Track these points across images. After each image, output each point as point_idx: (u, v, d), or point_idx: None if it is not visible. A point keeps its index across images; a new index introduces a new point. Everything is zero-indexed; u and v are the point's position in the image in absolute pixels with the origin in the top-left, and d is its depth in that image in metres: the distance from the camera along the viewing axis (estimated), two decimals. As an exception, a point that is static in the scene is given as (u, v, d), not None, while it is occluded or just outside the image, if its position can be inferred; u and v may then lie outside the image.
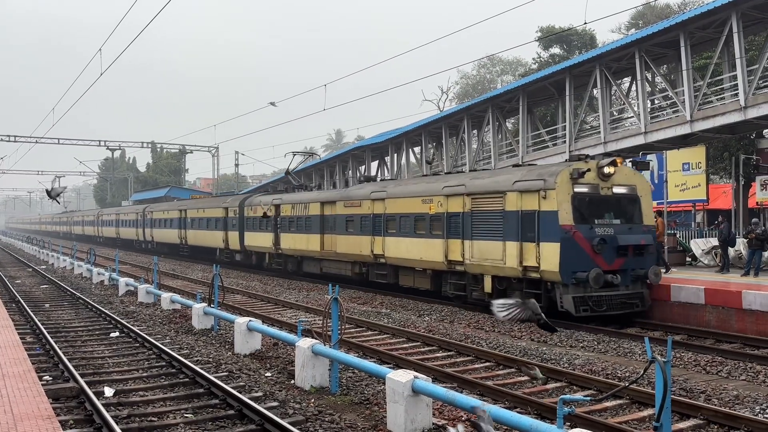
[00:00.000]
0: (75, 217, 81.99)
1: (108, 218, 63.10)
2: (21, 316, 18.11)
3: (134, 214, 53.57)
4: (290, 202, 28.59)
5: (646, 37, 26.05)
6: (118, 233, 58.50)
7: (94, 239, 68.19)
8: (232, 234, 34.33)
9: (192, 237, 40.44)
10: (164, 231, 45.84)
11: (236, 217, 33.55)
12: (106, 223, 63.33)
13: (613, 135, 28.32)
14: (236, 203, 33.93)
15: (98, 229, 66.32)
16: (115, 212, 61.15)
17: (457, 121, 37.37)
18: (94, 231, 67.77)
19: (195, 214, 39.68)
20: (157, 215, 47.70)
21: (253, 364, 12.55)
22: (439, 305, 19.70)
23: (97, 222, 66.65)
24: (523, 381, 11.21)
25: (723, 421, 8.77)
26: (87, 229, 71.90)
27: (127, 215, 56.34)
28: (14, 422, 7.32)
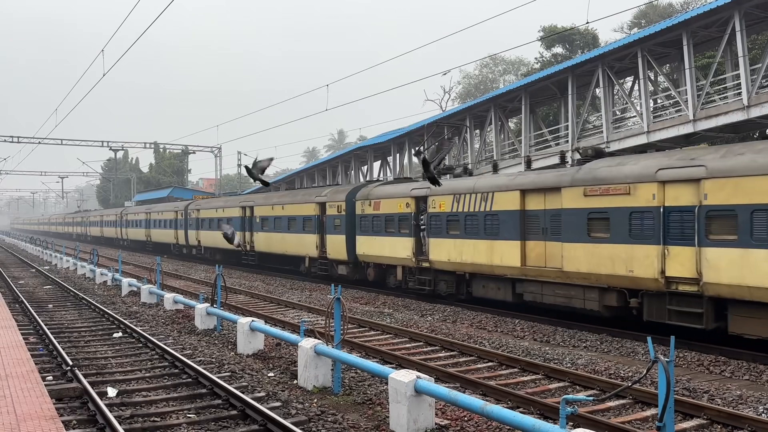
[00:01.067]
0: (91, 216, 73.55)
1: (135, 218, 53.51)
2: (24, 317, 18.14)
3: (172, 212, 43.95)
4: (451, 192, 19.48)
5: (649, 37, 26.01)
6: (149, 236, 49.32)
7: (116, 242, 60.28)
8: (335, 238, 25.70)
9: (263, 241, 31.43)
10: (218, 234, 34.58)
11: (341, 215, 25.38)
12: (132, 224, 54.36)
13: (615, 134, 28.29)
14: (341, 196, 25.72)
15: (121, 231, 57.71)
16: (144, 210, 51.31)
17: (460, 121, 37.36)
18: (115, 233, 59.13)
19: (268, 211, 30.90)
20: (206, 213, 38.00)
21: (256, 364, 12.56)
22: (442, 305, 19.69)
23: (120, 222, 57.75)
24: (526, 381, 11.20)
25: (726, 421, 8.76)
26: (107, 230, 63.65)
27: (161, 214, 46.43)
28: (17, 422, 7.33)
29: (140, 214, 51.52)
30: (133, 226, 53.87)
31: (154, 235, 47.88)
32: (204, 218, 38.13)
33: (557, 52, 45.03)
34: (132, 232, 54.52)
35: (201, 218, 38.64)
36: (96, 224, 69.02)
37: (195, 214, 39.55)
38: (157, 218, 46.99)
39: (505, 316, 17.49)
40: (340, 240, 25.46)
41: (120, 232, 58.30)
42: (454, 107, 50.65)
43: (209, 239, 37.56)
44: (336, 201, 25.88)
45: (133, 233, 54.08)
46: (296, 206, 28.76)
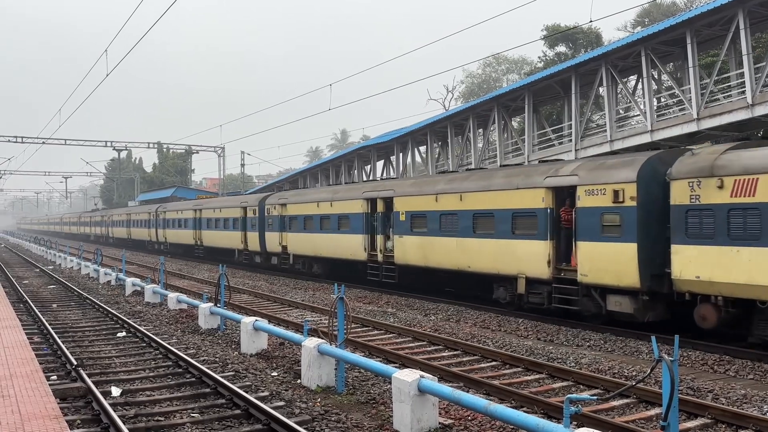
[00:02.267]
0: (115, 215, 64.23)
1: (178, 216, 44.20)
2: (28, 317, 18.18)
3: (238, 209, 34.33)
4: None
5: (653, 35, 25.94)
6: (199, 238, 40.38)
7: (149, 246, 52.54)
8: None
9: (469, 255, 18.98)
10: (325, 238, 26.23)
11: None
12: (173, 224, 45.02)
13: (619, 133, 28.23)
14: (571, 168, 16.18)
15: (157, 233, 48.78)
16: (192, 207, 41.81)
17: (463, 120, 37.32)
18: (149, 234, 50.77)
19: (442, 204, 19.81)
20: (300, 209, 28.60)
21: (260, 363, 12.57)
22: (445, 304, 19.68)
23: (156, 221, 48.75)
24: (530, 380, 11.18)
25: (731, 420, 8.73)
26: (137, 232, 55.01)
27: (220, 211, 36.85)
28: (22, 422, 7.35)
29: (185, 212, 42.74)
30: (174, 226, 44.86)
31: (208, 237, 39.27)
32: (303, 216, 28.15)
33: (560, 51, 44.95)
34: (173, 234, 45.23)
35: (297, 216, 28.68)
36: (121, 224, 61.17)
37: (280, 211, 30.09)
38: (214, 216, 37.64)
39: (509, 315, 17.47)
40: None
41: (155, 234, 49.47)
42: (458, 106, 50.63)
43: (309, 246, 27.75)
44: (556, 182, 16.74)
45: (176, 235, 44.73)
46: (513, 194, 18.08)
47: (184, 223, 42.99)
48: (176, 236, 44.83)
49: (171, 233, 45.98)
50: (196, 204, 42.54)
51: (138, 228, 54.43)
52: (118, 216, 62.65)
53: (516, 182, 17.39)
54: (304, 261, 28.91)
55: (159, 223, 48.33)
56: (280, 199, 30.95)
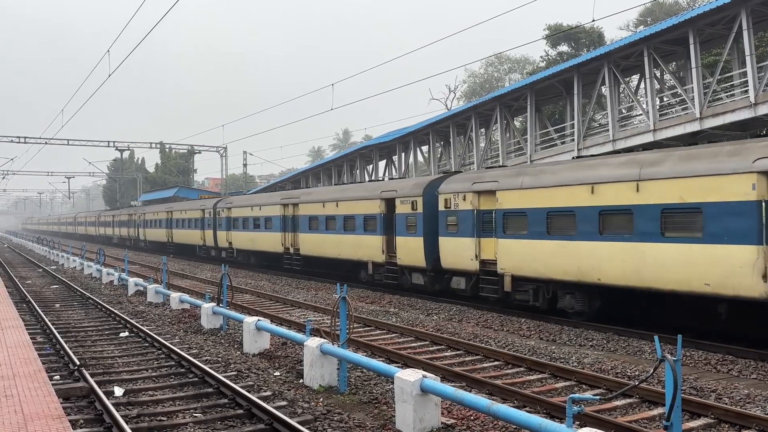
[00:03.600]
0: (149, 213, 53.27)
1: (253, 213, 33.08)
2: (31, 316, 18.22)
3: (374, 202, 23.45)
4: None
5: (655, 34, 25.91)
6: (293, 244, 29.21)
7: (198, 251, 42.58)
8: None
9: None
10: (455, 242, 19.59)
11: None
12: (245, 224, 34.18)
13: (621, 133, 28.19)
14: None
15: (215, 236, 38.07)
16: (280, 201, 30.46)
17: (465, 120, 37.30)
18: (201, 237, 40.49)
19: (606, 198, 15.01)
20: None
21: (262, 363, 12.57)
22: (448, 304, 19.67)
23: (213, 221, 38.34)
24: (532, 380, 11.17)
25: (734, 420, 8.71)
26: (182, 234, 44.51)
27: (323, 207, 26.84)
28: (25, 422, 7.36)
29: (269, 207, 31.52)
30: (248, 227, 33.74)
31: (314, 243, 27.52)
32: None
33: (563, 51, 44.93)
34: (246, 239, 34.35)
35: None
36: (157, 224, 50.33)
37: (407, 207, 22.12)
38: (332, 213, 26.26)
39: (511, 315, 17.46)
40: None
41: (212, 237, 38.50)
42: (460, 106, 50.61)
43: (419, 253, 21.12)
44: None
45: (251, 240, 33.70)
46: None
47: (266, 223, 31.96)
48: (251, 241, 33.48)
49: (242, 237, 34.63)
50: (285, 196, 30.94)
51: (184, 229, 43.63)
52: (154, 214, 51.49)
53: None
54: None
55: (221, 223, 37.05)
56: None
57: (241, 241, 35.36)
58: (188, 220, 43.76)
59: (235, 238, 36.03)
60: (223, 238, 37.40)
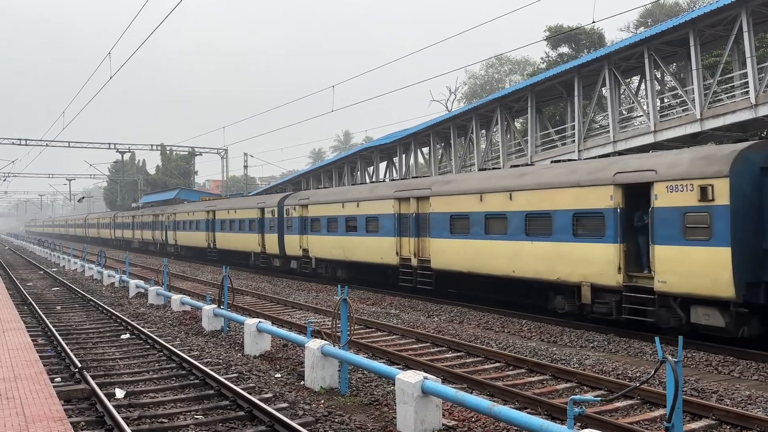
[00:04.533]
0: (180, 213, 45.14)
1: (342, 212, 25.40)
2: (33, 319, 18.24)
3: (486, 195, 18.30)
4: None
5: (655, 36, 25.93)
6: (421, 251, 21.39)
7: (253, 260, 34.22)
8: None
9: None
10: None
11: None
12: (328, 227, 26.51)
13: (622, 134, 28.21)
14: None
15: (282, 241, 30.27)
16: (394, 191, 22.59)
17: (466, 122, 37.32)
18: (258, 243, 32.68)
19: None
20: None
21: (263, 365, 12.58)
22: (449, 306, 19.67)
23: (281, 222, 30.42)
24: (533, 381, 11.17)
25: (735, 422, 8.71)
26: (230, 238, 36.70)
27: (480, 202, 18.74)
28: (26, 424, 7.37)
29: (369, 204, 23.90)
30: (335, 229, 25.93)
31: (452, 252, 20.17)
32: None
33: (563, 52, 44.92)
34: (333, 245, 26.07)
35: None
36: (193, 226, 42.50)
37: None
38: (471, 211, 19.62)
39: (512, 316, 17.47)
40: None
41: (276, 243, 31.02)
42: (460, 107, 50.64)
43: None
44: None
45: (342, 246, 25.45)
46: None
47: (368, 224, 23.70)
48: (341, 249, 25.32)
49: (325, 243, 26.47)
50: (404, 187, 22.28)
51: (233, 233, 35.99)
52: (189, 214, 43.19)
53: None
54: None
55: (291, 224, 29.42)
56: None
57: (323, 248, 26.64)
58: (239, 221, 34.82)
59: (315, 245, 27.40)
60: (294, 244, 29.01)
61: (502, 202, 17.63)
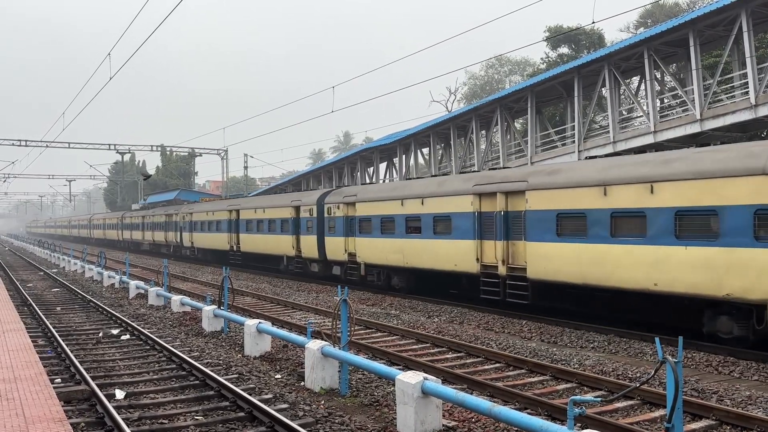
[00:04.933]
0: (197, 214, 41.07)
1: (402, 211, 21.73)
2: (33, 320, 18.23)
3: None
4: None
5: (655, 36, 25.94)
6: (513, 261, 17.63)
7: (275, 263, 31.72)
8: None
9: None
10: None
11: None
12: (396, 227, 22.02)
13: (622, 134, 28.21)
14: None
15: (343, 243, 25.15)
16: (472, 185, 18.87)
17: (466, 122, 37.33)
18: (292, 246, 28.92)
19: None
20: None
21: (263, 366, 12.57)
22: (449, 306, 19.67)
23: (328, 223, 26.29)
24: (534, 382, 11.17)
25: (735, 422, 8.71)
26: (257, 240, 32.77)
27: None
28: (26, 425, 7.36)
29: (453, 200, 19.91)
30: (393, 230, 22.35)
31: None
32: None
33: (563, 53, 44.95)
34: (382, 249, 22.96)
35: None
36: (215, 227, 37.97)
37: None
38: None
39: (513, 317, 17.46)
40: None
41: (314, 246, 27.29)
42: (460, 108, 50.65)
43: None
44: None
45: (390, 251, 22.51)
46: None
47: (436, 225, 20.29)
48: (399, 253, 21.86)
49: (378, 246, 23.06)
50: (488, 179, 18.67)
51: (262, 234, 32.23)
52: (209, 214, 38.90)
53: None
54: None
55: (333, 225, 25.82)
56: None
57: (375, 252, 23.20)
58: (269, 221, 30.89)
59: (364, 248, 23.75)
60: (337, 248, 25.39)
61: (637, 196, 13.98)
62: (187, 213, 43.08)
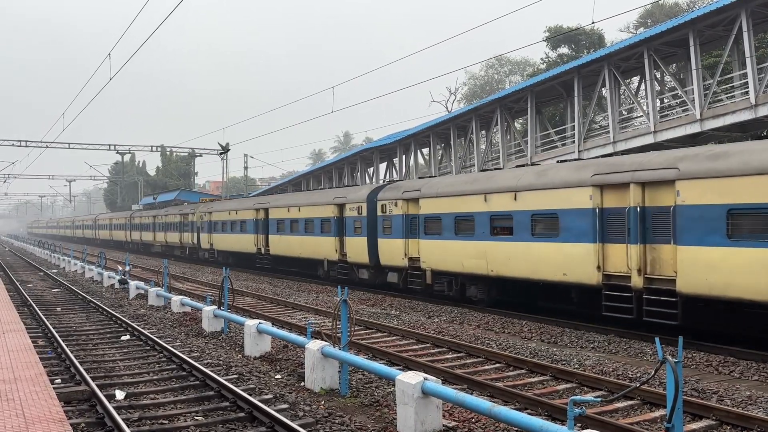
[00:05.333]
0: (217, 213, 37.62)
1: (474, 208, 18.50)
2: (33, 320, 18.23)
3: None
4: None
5: (655, 36, 25.94)
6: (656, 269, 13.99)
7: (312, 268, 28.83)
8: None
9: None
10: None
11: None
12: (469, 228, 18.71)
13: (622, 135, 28.22)
14: None
15: (402, 245, 21.75)
16: (592, 175, 15.18)
17: (466, 122, 37.33)
18: (334, 248, 25.83)
19: None
20: None
21: (263, 366, 12.57)
22: (449, 306, 19.66)
23: (381, 222, 23.09)
24: (534, 382, 11.17)
25: (735, 422, 8.70)
26: (291, 242, 29.11)
27: None
28: (26, 425, 7.36)
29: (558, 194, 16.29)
30: (462, 230, 19.23)
31: None
32: None
33: (563, 53, 44.96)
34: (452, 253, 19.68)
35: None
36: (239, 227, 34.57)
37: None
38: None
39: (513, 317, 17.46)
40: None
41: (363, 249, 24.13)
42: (460, 108, 50.65)
43: None
44: None
45: (467, 255, 18.99)
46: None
47: (533, 225, 16.92)
48: (486, 258, 18.14)
49: (450, 250, 19.50)
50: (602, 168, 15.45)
51: (295, 235, 28.67)
52: (231, 213, 35.69)
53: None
54: None
55: (398, 225, 21.98)
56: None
57: (447, 256, 19.64)
58: (305, 221, 27.43)
59: (432, 252, 20.19)
60: (395, 251, 21.89)
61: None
62: (205, 212, 39.46)
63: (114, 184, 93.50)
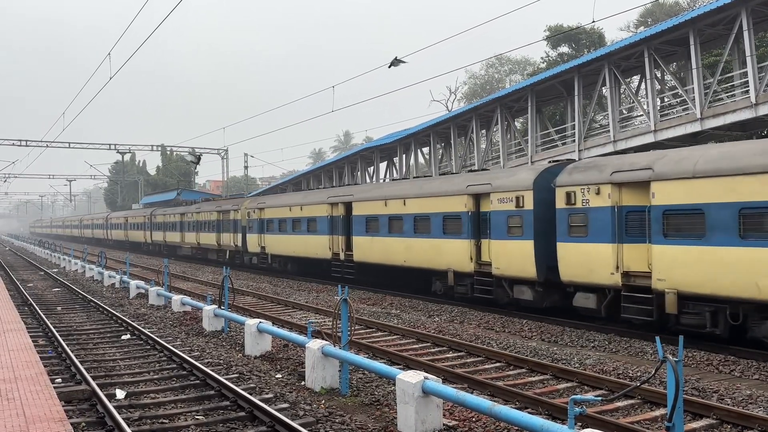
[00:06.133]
0: (270, 210, 31.51)
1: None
2: (33, 319, 18.24)
3: None
4: None
5: (655, 35, 25.92)
6: None
7: (425, 281, 21.71)
8: None
9: None
10: None
11: None
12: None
13: (622, 134, 28.20)
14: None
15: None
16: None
17: (466, 121, 37.32)
18: (468, 254, 18.87)
19: None
20: None
21: (264, 365, 12.57)
22: (449, 306, 19.67)
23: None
24: (534, 381, 11.17)
25: (736, 421, 8.70)
26: (375, 246, 23.19)
27: None
28: (27, 425, 7.36)
29: None
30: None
31: None
32: None
33: (563, 52, 44.95)
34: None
35: None
36: (304, 226, 28.25)
37: None
38: None
39: (513, 316, 17.46)
40: None
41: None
42: (461, 107, 50.62)
43: None
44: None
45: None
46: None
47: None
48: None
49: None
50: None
51: (398, 237, 22.18)
52: (291, 210, 29.30)
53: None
54: None
55: (608, 223, 14.50)
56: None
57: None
58: (415, 218, 21.17)
59: (673, 264, 13.11)
60: (593, 262, 14.84)
61: None
62: (254, 208, 32.59)
63: (114, 184, 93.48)
